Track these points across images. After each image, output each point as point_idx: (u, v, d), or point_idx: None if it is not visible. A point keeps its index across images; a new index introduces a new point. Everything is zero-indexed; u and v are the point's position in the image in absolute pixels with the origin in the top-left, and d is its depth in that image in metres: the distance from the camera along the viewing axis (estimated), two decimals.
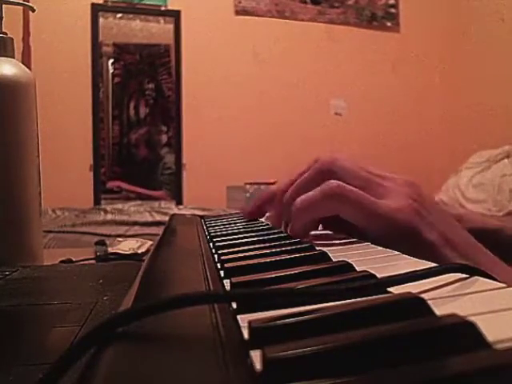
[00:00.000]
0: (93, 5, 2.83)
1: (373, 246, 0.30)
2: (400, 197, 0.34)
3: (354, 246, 0.31)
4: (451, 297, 0.17)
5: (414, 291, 0.16)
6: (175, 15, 2.94)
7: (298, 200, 0.35)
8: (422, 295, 0.15)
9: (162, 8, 2.96)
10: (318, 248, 0.28)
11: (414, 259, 0.24)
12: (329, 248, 0.29)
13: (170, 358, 0.13)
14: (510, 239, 0.54)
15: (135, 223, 1.92)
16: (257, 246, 0.32)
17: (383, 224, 0.33)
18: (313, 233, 0.38)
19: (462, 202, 2.47)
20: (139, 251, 0.66)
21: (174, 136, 2.98)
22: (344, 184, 0.34)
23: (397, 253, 0.26)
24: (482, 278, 0.19)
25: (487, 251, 0.34)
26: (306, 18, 3.10)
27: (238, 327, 0.15)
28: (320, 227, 0.41)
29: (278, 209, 0.42)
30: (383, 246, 0.29)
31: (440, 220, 0.35)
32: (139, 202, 2.57)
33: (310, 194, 0.35)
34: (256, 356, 0.12)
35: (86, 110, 2.80)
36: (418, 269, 0.19)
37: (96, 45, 2.86)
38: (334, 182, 0.34)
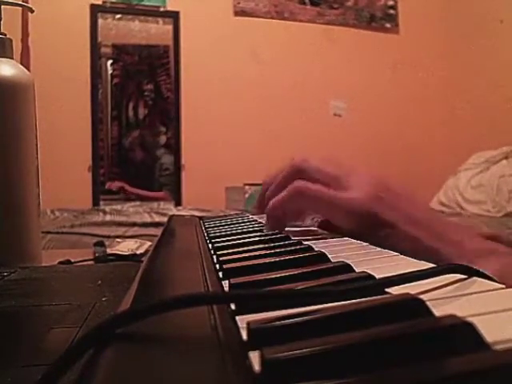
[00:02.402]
0: (92, 6, 2.83)
1: (371, 246, 0.30)
2: (361, 187, 0.36)
3: (352, 246, 0.31)
4: (450, 297, 0.17)
5: (412, 292, 0.16)
6: (174, 16, 2.94)
7: (270, 202, 0.39)
8: (421, 296, 0.15)
9: (161, 9, 2.95)
10: (317, 249, 0.28)
11: (413, 260, 0.24)
12: (328, 248, 0.29)
13: (168, 359, 0.13)
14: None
15: (134, 224, 1.92)
16: (255, 246, 0.32)
17: (344, 214, 0.35)
18: (292, 229, 0.41)
19: (461, 203, 2.47)
20: (138, 252, 0.66)
21: (173, 137, 2.98)
22: (306, 182, 0.37)
23: (395, 253, 0.26)
24: (480, 279, 0.19)
25: (459, 225, 0.35)
26: (304, 19, 3.10)
27: (237, 328, 0.15)
28: (309, 222, 0.44)
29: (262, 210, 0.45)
30: (356, 238, 0.31)
31: (403, 201, 0.36)
32: (138, 203, 2.57)
33: (280, 194, 0.38)
34: (254, 357, 0.12)
35: (85, 110, 2.79)
36: (416, 269, 0.19)
37: (95, 46, 2.85)
38: (298, 181, 0.37)
